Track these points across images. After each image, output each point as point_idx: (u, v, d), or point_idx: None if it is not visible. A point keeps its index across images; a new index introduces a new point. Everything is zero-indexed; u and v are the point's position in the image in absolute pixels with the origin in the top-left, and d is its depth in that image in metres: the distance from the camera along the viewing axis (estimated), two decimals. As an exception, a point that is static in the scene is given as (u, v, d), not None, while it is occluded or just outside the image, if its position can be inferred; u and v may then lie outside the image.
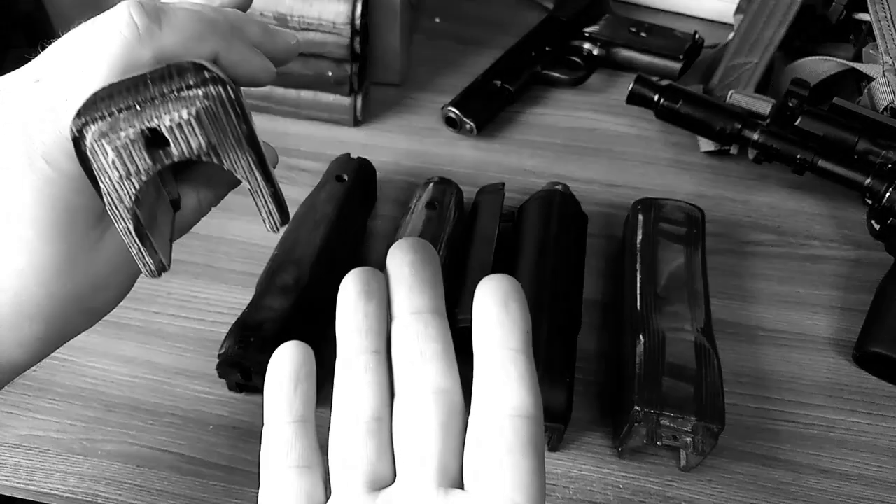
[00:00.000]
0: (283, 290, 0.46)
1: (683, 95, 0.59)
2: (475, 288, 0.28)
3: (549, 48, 0.68)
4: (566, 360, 0.44)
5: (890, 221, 0.54)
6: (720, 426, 0.40)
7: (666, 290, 0.47)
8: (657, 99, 0.60)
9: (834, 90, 0.62)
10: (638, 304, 0.47)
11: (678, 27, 0.69)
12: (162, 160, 0.24)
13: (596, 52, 0.70)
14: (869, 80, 0.61)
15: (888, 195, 0.53)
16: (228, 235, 0.54)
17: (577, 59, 0.69)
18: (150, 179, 0.24)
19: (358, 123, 0.64)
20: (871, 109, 0.58)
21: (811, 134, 0.56)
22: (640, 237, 0.51)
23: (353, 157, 0.55)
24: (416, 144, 0.63)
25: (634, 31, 0.69)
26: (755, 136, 0.57)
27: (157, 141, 0.23)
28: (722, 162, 0.63)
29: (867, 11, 0.64)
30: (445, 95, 0.65)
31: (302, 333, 0.36)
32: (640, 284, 0.48)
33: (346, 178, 0.53)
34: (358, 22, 0.57)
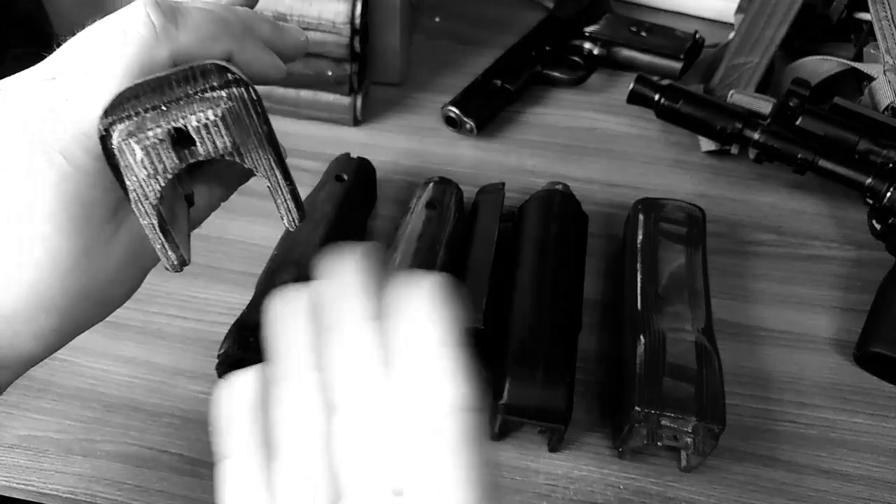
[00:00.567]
0: (282, 290, 0.46)
1: (684, 95, 0.59)
2: (475, 288, 0.28)
3: (549, 48, 0.68)
4: (566, 360, 0.44)
5: (891, 221, 0.54)
6: (721, 427, 0.40)
7: (666, 290, 0.47)
8: (658, 98, 0.60)
9: (835, 90, 0.62)
10: (638, 304, 0.46)
11: (679, 27, 0.69)
12: (187, 159, 0.24)
13: (596, 51, 0.69)
14: (870, 79, 0.61)
15: (889, 195, 0.53)
16: (228, 235, 0.54)
17: (577, 58, 0.69)
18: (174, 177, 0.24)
19: (358, 123, 0.64)
20: (872, 109, 0.58)
21: (812, 134, 0.56)
22: (640, 237, 0.51)
23: (352, 156, 0.55)
24: (415, 144, 0.63)
25: (635, 30, 0.69)
26: (756, 135, 0.57)
27: (182, 140, 0.24)
28: (722, 162, 0.63)
29: (868, 11, 0.64)
30: (445, 95, 0.65)
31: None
32: (640, 284, 0.48)
33: (345, 177, 0.53)
34: (358, 21, 0.57)
